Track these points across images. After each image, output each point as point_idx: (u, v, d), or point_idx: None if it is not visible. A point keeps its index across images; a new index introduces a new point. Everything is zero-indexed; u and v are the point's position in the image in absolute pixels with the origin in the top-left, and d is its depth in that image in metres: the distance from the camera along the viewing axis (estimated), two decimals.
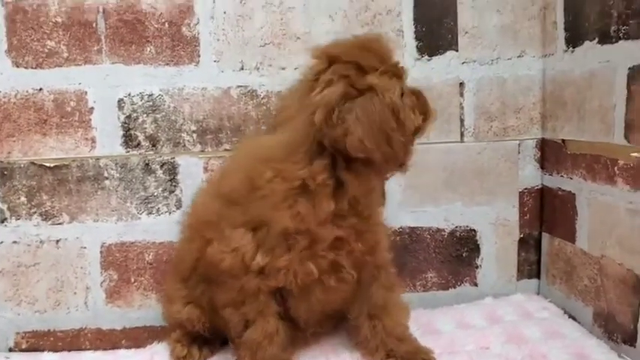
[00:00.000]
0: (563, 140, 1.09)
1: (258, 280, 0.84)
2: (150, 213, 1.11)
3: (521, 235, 1.19)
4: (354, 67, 0.78)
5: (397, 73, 0.82)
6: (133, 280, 1.12)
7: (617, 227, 0.94)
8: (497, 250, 1.18)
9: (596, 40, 0.97)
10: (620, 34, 0.91)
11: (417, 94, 0.85)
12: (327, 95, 0.77)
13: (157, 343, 1.04)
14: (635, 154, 0.89)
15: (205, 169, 1.11)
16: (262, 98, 1.11)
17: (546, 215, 1.18)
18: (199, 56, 1.09)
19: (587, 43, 1.00)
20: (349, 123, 0.76)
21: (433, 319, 1.05)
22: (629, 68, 0.89)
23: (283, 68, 1.11)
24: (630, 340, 0.91)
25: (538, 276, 1.20)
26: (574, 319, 1.05)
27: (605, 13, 0.94)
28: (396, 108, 0.79)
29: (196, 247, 0.90)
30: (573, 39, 1.05)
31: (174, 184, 1.11)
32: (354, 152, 0.78)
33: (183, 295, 0.96)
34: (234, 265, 0.84)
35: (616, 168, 0.93)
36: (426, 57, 1.13)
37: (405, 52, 1.12)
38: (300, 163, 0.81)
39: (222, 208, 0.87)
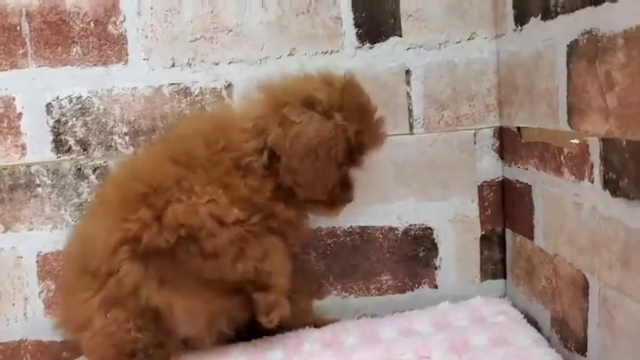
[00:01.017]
0: (519, 128, 0.99)
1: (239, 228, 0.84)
2: None
3: (483, 232, 1.10)
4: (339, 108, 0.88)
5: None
6: None
7: (566, 222, 0.84)
8: (457, 249, 1.09)
9: (540, 16, 0.88)
10: (558, 8, 0.82)
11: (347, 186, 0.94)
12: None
13: None
14: (574, 141, 0.79)
15: None
16: (196, 95, 1.05)
17: (508, 210, 1.08)
18: (127, 55, 1.04)
19: (532, 20, 0.91)
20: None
21: (377, 327, 0.97)
22: (567, 45, 0.80)
23: (217, 63, 1.05)
24: (581, 349, 0.82)
25: (505, 276, 1.11)
26: (536, 323, 0.96)
27: None
28: (336, 145, 0.87)
29: (139, 220, 0.83)
30: (521, 16, 0.95)
31: None
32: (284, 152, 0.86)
33: (104, 298, 0.86)
34: (211, 216, 0.83)
35: (562, 157, 0.84)
36: (368, 45, 1.05)
37: (345, 40, 1.05)
38: (246, 135, 0.87)
39: (180, 170, 0.85)
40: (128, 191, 0.86)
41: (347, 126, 0.86)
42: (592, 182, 0.76)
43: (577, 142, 0.78)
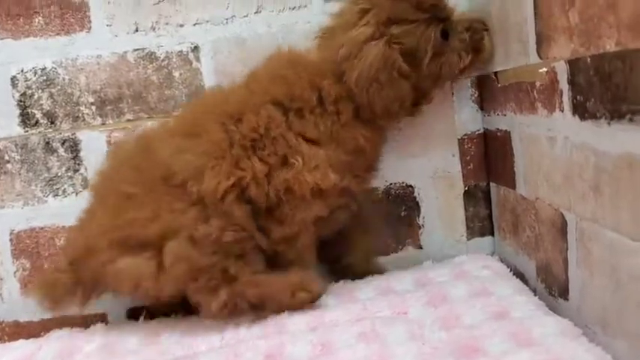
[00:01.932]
0: (495, 73, 0.95)
1: (323, 206, 0.86)
2: (56, 195, 1.04)
3: (466, 188, 1.05)
4: (386, 17, 0.85)
5: (436, 16, 0.86)
6: (46, 267, 1.05)
7: (542, 162, 0.80)
8: (440, 207, 1.05)
9: None
10: None
11: (474, 30, 0.90)
12: (356, 35, 0.85)
13: None
14: (542, 70, 0.75)
15: (109, 143, 1.03)
16: (162, 60, 1.03)
17: (490, 162, 1.04)
18: (90, 22, 1.02)
19: None
20: (355, 62, 0.84)
21: (355, 288, 0.93)
22: None
23: (181, 25, 1.02)
24: (564, 294, 0.77)
25: (493, 233, 1.06)
26: (523, 276, 0.92)
27: None
28: (394, 61, 0.84)
29: (251, 171, 0.83)
30: None
31: (77, 162, 1.04)
32: (353, 89, 0.85)
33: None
34: (314, 186, 0.83)
35: (535, 92, 0.80)
36: None
37: None
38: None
39: (286, 116, 0.85)
40: (234, 134, 0.84)
41: (407, 27, 0.85)
42: (562, 111, 0.71)
43: (545, 70, 0.74)
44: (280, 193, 0.83)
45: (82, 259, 0.85)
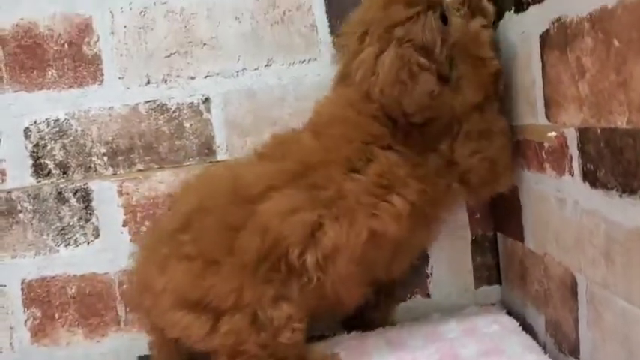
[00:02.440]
0: None
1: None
2: (68, 244, 1.05)
3: (474, 237, 1.06)
4: (385, 27, 0.83)
5: (429, 5, 0.84)
6: (57, 316, 1.06)
7: (551, 220, 0.81)
8: (449, 256, 1.06)
9: (513, 9, 0.86)
10: None
11: (470, 1, 0.87)
12: (365, 57, 0.83)
13: None
14: (551, 134, 0.76)
15: (120, 193, 1.04)
16: (173, 112, 1.04)
17: (497, 212, 1.05)
18: (103, 74, 1.03)
19: (506, 14, 0.89)
20: (374, 78, 0.82)
21: (367, 340, 0.93)
22: (540, 36, 0.77)
23: (192, 78, 1.04)
24: (575, 352, 0.78)
25: (500, 281, 1.07)
26: (532, 328, 0.92)
27: None
28: (409, 57, 0.81)
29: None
30: (498, 12, 0.93)
31: (89, 211, 1.05)
32: (382, 101, 0.82)
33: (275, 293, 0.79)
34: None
35: (543, 153, 0.81)
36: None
37: (322, 47, 1.03)
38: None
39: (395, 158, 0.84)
40: (372, 186, 0.83)
41: (407, 26, 0.83)
42: (572, 175, 0.73)
43: (554, 134, 0.75)
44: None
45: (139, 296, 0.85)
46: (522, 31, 0.83)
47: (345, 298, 0.87)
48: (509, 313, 1.00)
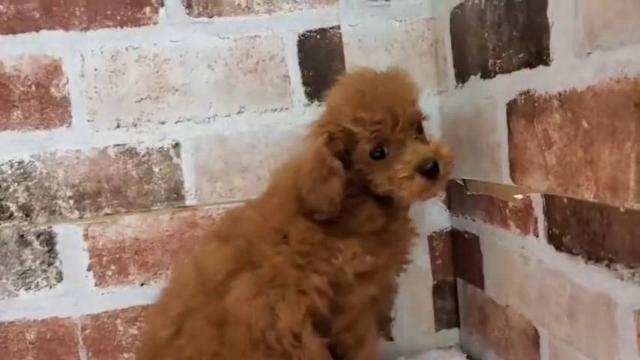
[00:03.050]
0: (464, 180, 1.02)
1: (373, 285, 0.85)
2: (28, 288, 1.03)
3: (435, 282, 1.11)
4: (329, 117, 0.84)
5: (371, 134, 0.80)
6: None
7: (514, 274, 0.86)
8: (411, 300, 1.10)
9: (479, 74, 0.91)
10: (497, 68, 0.85)
11: (408, 162, 0.79)
12: (310, 134, 0.85)
13: None
14: (517, 196, 0.81)
15: (85, 237, 1.03)
16: (143, 156, 1.04)
17: (458, 259, 1.10)
18: (71, 117, 1.03)
19: (472, 77, 0.94)
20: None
21: None
22: (507, 104, 0.83)
23: (163, 123, 1.04)
24: None
25: (458, 325, 1.12)
26: None
27: (483, 46, 0.88)
28: (325, 158, 0.81)
29: (315, 289, 0.82)
30: (462, 74, 0.99)
31: (52, 255, 1.03)
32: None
33: None
34: (355, 272, 0.83)
35: (507, 210, 0.86)
36: (317, 102, 1.06)
37: (294, 97, 1.06)
38: None
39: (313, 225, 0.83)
40: (295, 256, 0.83)
41: (340, 133, 0.81)
42: (537, 236, 0.78)
43: (520, 197, 0.80)
44: (333, 292, 0.83)
45: None
46: (489, 95, 0.88)
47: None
48: (468, 357, 1.04)
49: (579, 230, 0.67)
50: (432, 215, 1.09)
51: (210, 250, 0.89)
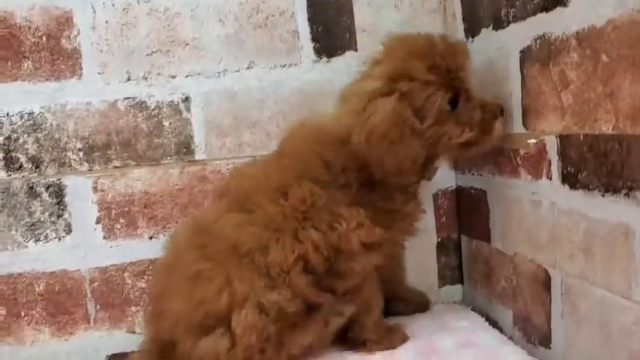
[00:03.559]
0: None
1: (378, 255, 0.87)
2: (37, 240, 1.03)
3: (439, 240, 1.12)
4: (397, 71, 0.83)
5: (448, 83, 0.83)
6: (23, 314, 1.03)
7: (524, 221, 0.88)
8: (416, 257, 1.11)
9: (491, 26, 0.93)
10: (510, 17, 0.86)
11: (489, 111, 0.86)
12: (364, 88, 0.86)
13: None
14: (531, 141, 0.83)
15: (95, 189, 1.03)
16: (153, 110, 1.04)
17: (463, 216, 1.12)
18: (82, 69, 1.02)
19: (483, 30, 0.96)
20: (364, 118, 0.82)
21: None
22: (520, 51, 0.84)
23: (173, 77, 1.04)
24: (545, 342, 0.84)
25: (462, 281, 1.14)
26: (496, 324, 0.99)
27: None
28: (406, 118, 0.82)
29: (310, 241, 0.84)
30: (472, 29, 1.00)
31: (62, 207, 1.03)
32: (362, 145, 0.82)
33: None
34: (362, 242, 0.85)
35: (518, 159, 0.88)
36: (325, 59, 1.07)
37: (302, 53, 1.07)
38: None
39: (318, 190, 0.85)
40: (285, 208, 0.85)
41: (415, 86, 0.83)
42: (550, 179, 0.79)
43: (535, 141, 0.82)
44: (332, 255, 0.85)
45: (169, 350, 0.85)
46: (501, 46, 0.90)
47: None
48: (473, 310, 1.06)
49: (596, 164, 0.69)
50: (437, 174, 1.10)
51: (209, 208, 0.93)
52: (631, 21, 0.61)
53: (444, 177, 1.11)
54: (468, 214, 1.09)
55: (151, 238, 1.05)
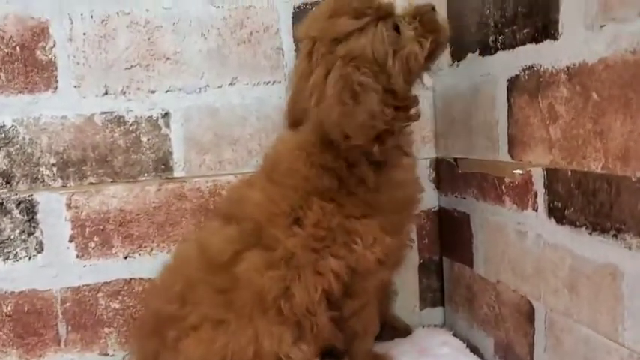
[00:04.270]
0: (455, 159, 1.02)
1: (388, 271, 0.88)
2: (7, 259, 0.99)
3: (421, 261, 1.11)
4: (330, 41, 0.79)
5: (379, 15, 0.80)
6: None
7: (508, 250, 0.87)
8: (397, 279, 1.09)
9: (478, 52, 0.92)
10: (498, 45, 0.85)
11: (422, 15, 0.82)
12: (314, 79, 0.79)
13: None
14: (517, 172, 0.82)
15: (68, 206, 1.00)
16: (131, 125, 1.01)
17: (445, 238, 1.11)
18: (57, 82, 0.99)
19: (469, 55, 0.95)
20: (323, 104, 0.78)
21: None
22: (508, 80, 0.83)
23: (153, 91, 1.02)
24: None
25: (443, 303, 1.13)
26: (477, 350, 0.98)
27: (483, 24, 0.89)
28: (374, 62, 0.79)
29: (333, 272, 0.82)
30: (458, 52, 0.99)
31: (33, 224, 0.99)
32: (327, 127, 0.79)
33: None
34: (378, 259, 0.83)
35: (503, 187, 0.87)
36: None
37: (286, 71, 1.05)
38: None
39: (328, 205, 0.82)
40: (311, 240, 0.82)
41: (349, 47, 0.79)
42: (536, 211, 0.79)
43: (521, 172, 0.81)
44: (348, 276, 0.83)
45: None
46: (487, 72, 0.89)
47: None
48: (454, 334, 1.05)
49: (584, 202, 0.68)
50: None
51: (212, 229, 0.87)
52: (624, 61, 0.61)
53: (428, 198, 1.10)
54: (450, 236, 1.08)
55: (126, 257, 1.02)
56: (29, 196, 0.99)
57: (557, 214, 0.74)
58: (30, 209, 0.99)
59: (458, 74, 0.98)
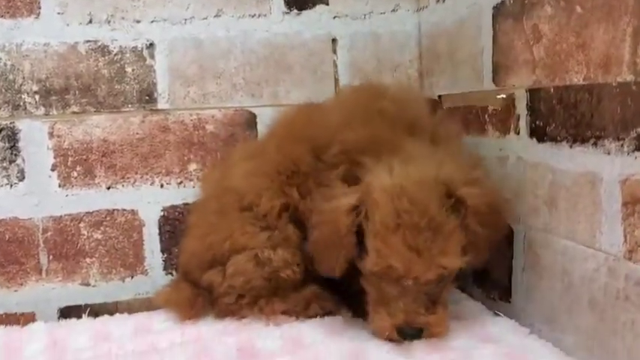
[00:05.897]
0: (439, 96, 1.03)
1: None
2: None
3: None
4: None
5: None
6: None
7: (489, 178, 0.88)
8: None
9: None
10: None
11: None
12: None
13: None
14: (500, 96, 0.84)
15: (51, 135, 0.99)
16: (115, 55, 1.00)
17: None
18: (40, 8, 0.97)
19: None
20: None
21: (302, 332, 0.92)
22: (493, 7, 0.84)
23: (138, 21, 1.01)
24: (505, 296, 0.86)
25: None
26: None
27: None
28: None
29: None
30: None
31: (14, 152, 0.98)
32: None
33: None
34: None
35: (486, 115, 0.88)
36: (295, 11, 1.05)
37: (273, 4, 1.04)
38: None
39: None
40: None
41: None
42: (517, 134, 0.80)
43: (504, 96, 0.83)
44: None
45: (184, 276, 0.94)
46: (473, 2, 0.89)
47: None
48: None
49: (565, 116, 0.70)
50: None
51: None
52: None
53: None
54: None
55: (108, 188, 1.02)
56: (10, 123, 0.98)
57: (538, 132, 0.75)
58: (11, 137, 0.98)
59: (444, 10, 0.99)
